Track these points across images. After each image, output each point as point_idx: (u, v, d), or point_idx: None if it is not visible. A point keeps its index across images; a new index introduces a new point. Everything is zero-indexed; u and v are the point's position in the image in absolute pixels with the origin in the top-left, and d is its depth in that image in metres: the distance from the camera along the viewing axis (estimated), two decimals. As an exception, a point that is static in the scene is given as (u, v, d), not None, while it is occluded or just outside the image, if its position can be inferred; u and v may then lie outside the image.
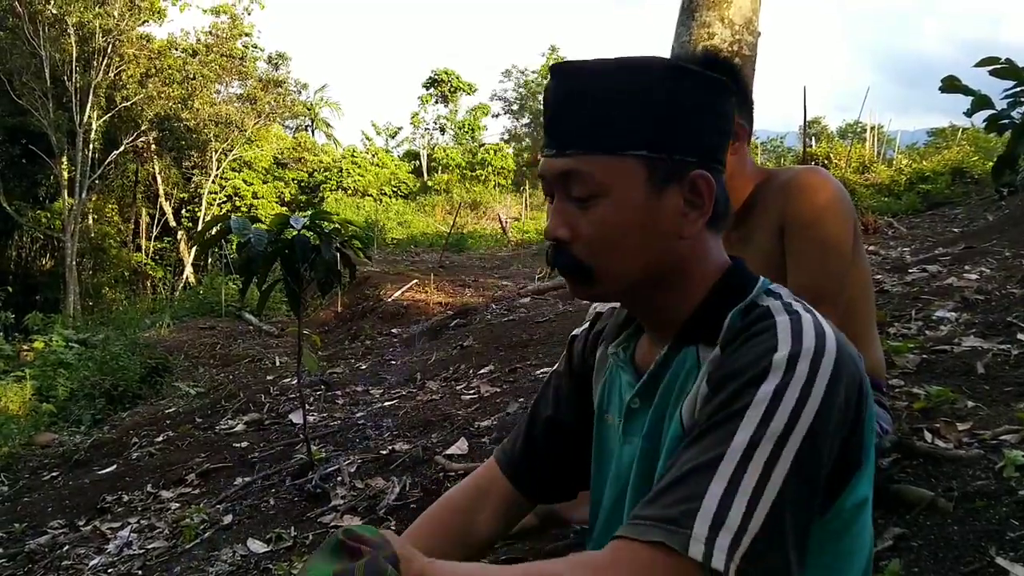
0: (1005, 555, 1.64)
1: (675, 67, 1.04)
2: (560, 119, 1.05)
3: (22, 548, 3.38)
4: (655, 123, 1.01)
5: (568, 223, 1.05)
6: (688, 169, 1.02)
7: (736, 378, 0.92)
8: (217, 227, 3.02)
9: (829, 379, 0.89)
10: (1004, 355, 2.86)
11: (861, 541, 1.00)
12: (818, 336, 0.92)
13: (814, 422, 0.87)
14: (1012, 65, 2.29)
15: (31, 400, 8.59)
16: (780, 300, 1.02)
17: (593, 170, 1.01)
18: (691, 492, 0.87)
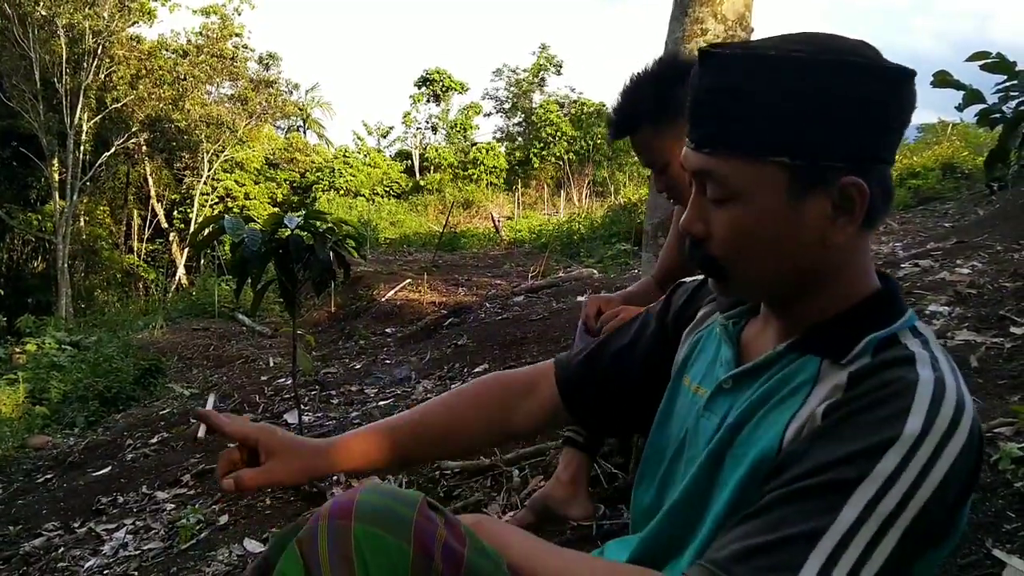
0: (1002, 546, 1.65)
1: (849, 65, 0.92)
2: (700, 112, 0.99)
3: (17, 551, 3.37)
4: (803, 126, 0.92)
5: (703, 219, 0.99)
6: (837, 175, 0.92)
7: (858, 437, 0.86)
8: (211, 228, 3.01)
9: (953, 461, 0.84)
10: (997, 348, 2.87)
11: None
12: (956, 410, 0.85)
13: (925, 507, 0.83)
14: (1003, 60, 2.30)
15: (24, 403, 8.57)
16: (927, 347, 0.93)
17: (728, 173, 0.95)
18: (788, 562, 0.82)
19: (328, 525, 0.95)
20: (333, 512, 0.97)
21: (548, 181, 31.93)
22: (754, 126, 0.93)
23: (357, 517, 0.95)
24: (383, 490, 1.02)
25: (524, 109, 36.02)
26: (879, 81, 0.93)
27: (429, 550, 0.93)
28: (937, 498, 0.83)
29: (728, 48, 0.97)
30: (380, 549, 0.93)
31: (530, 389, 1.34)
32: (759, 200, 0.94)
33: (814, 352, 0.97)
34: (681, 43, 3.11)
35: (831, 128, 0.91)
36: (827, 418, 0.89)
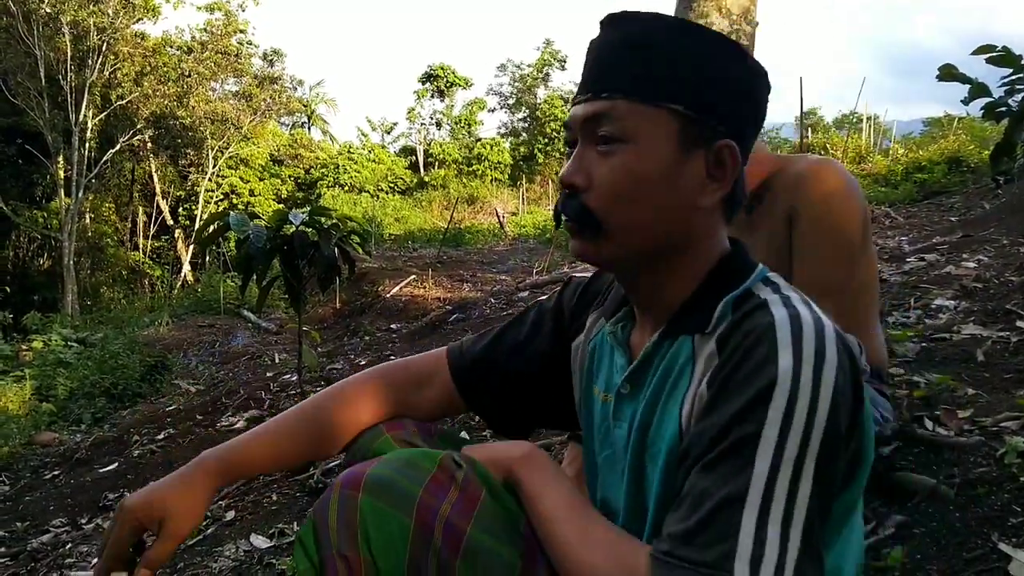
0: (1008, 541, 1.65)
1: (734, 45, 1.02)
2: (603, 64, 1.03)
3: (25, 547, 3.38)
4: (698, 83, 0.99)
5: (586, 169, 1.01)
6: (718, 137, 1.00)
7: (741, 393, 0.88)
8: (216, 224, 3.01)
9: (834, 384, 0.86)
10: (1003, 342, 2.86)
11: (854, 536, 1.00)
12: (818, 338, 0.89)
13: (825, 435, 0.85)
14: (1009, 53, 2.29)
15: (31, 400, 8.60)
16: (778, 291, 0.98)
17: (626, 113, 0.98)
18: (723, 531, 0.84)
19: (339, 496, 1.01)
20: (344, 483, 1.02)
21: (552, 177, 31.89)
22: (654, 73, 0.99)
23: (365, 489, 1.00)
24: (397, 462, 1.06)
25: (528, 104, 36.01)
26: (755, 75, 1.04)
27: (430, 526, 0.97)
28: (833, 423, 0.86)
29: (633, 11, 1.03)
30: (382, 522, 0.98)
31: (425, 379, 1.34)
32: (651, 144, 0.98)
33: (685, 332, 1.01)
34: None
35: (718, 93, 1.00)
36: (711, 388, 0.92)
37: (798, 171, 1.94)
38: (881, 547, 1.76)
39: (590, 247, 1.03)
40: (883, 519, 1.86)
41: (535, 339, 1.31)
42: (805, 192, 1.90)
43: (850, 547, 1.00)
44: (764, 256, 2.03)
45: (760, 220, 2.02)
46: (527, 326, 1.32)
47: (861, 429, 0.92)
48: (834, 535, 0.96)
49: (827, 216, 1.87)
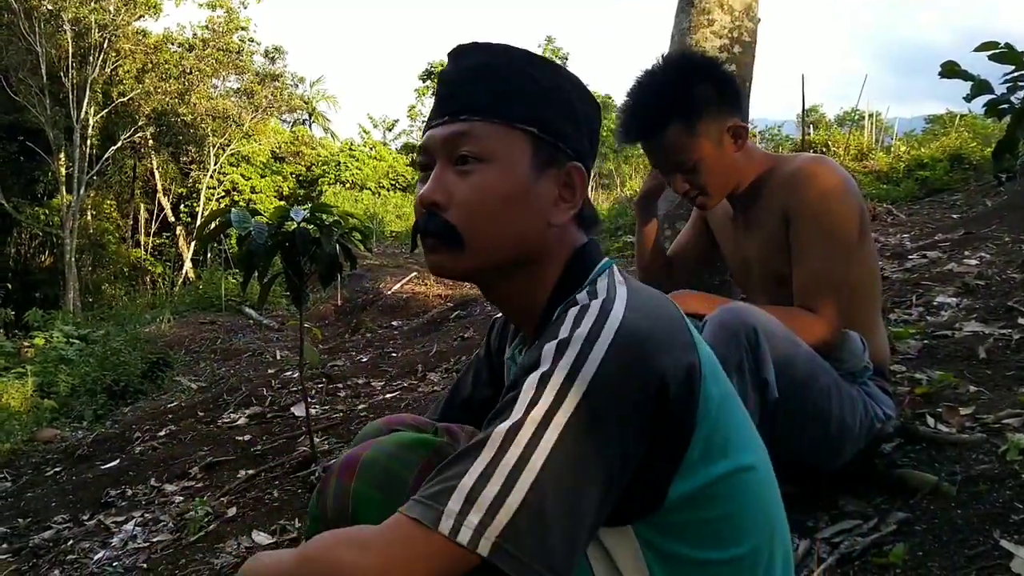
0: (1009, 538, 1.65)
1: (576, 78, 1.13)
2: (460, 89, 1.09)
3: (27, 543, 3.38)
4: (550, 109, 1.08)
5: (445, 188, 1.07)
6: (567, 159, 1.09)
7: (517, 369, 0.96)
8: (217, 221, 3.01)
9: (601, 364, 0.90)
10: (1005, 339, 2.86)
11: (743, 510, 1.01)
12: (596, 321, 0.94)
13: (579, 407, 0.88)
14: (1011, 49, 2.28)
15: (32, 396, 8.61)
16: (594, 288, 1.03)
17: (485, 133, 1.05)
18: (455, 472, 0.90)
19: (335, 484, 1.10)
20: (341, 471, 1.11)
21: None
22: (510, 98, 1.06)
23: (357, 478, 1.08)
24: (391, 447, 1.13)
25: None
26: (595, 108, 1.15)
27: None
28: (594, 401, 0.89)
29: (482, 41, 1.12)
30: (373, 507, 1.05)
31: None
32: (508, 164, 1.05)
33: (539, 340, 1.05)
34: (687, 34, 3.10)
35: (566, 121, 1.09)
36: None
37: (792, 170, 1.95)
38: (883, 543, 1.76)
39: (450, 261, 1.08)
40: (885, 516, 1.86)
41: (477, 389, 1.39)
42: (800, 190, 1.90)
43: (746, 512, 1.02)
44: (760, 254, 2.04)
45: (755, 219, 2.03)
46: (469, 380, 1.41)
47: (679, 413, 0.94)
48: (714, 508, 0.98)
49: (823, 214, 1.87)
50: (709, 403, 0.97)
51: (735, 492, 1.00)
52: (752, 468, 1.02)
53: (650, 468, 0.94)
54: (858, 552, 1.75)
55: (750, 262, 2.10)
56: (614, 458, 0.90)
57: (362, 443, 1.16)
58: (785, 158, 2.04)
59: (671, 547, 0.98)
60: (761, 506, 1.04)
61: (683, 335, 0.98)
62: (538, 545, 0.86)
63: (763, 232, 2.00)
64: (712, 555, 0.99)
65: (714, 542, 0.99)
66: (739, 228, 2.12)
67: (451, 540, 0.86)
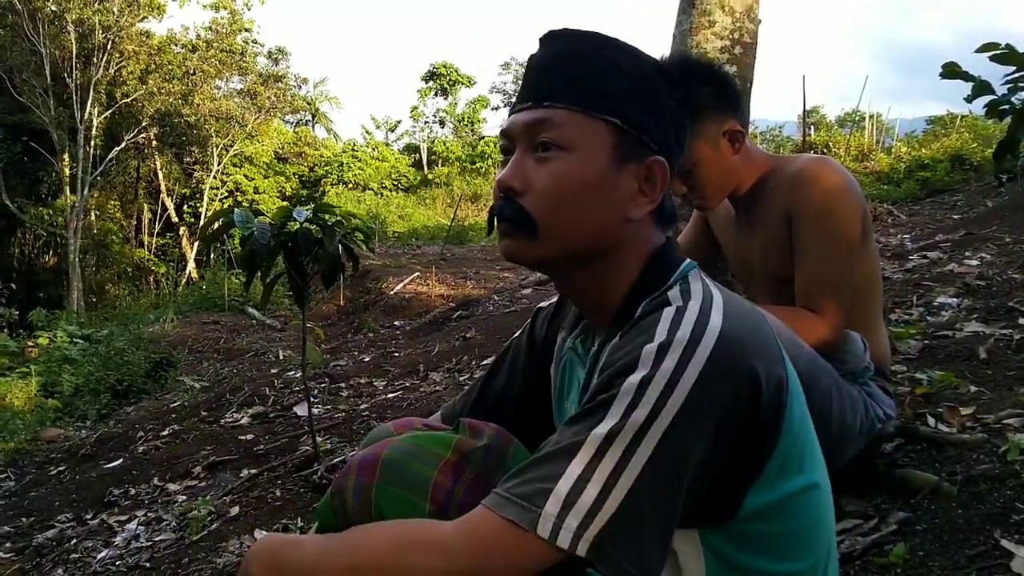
0: (1010, 537, 1.65)
1: (664, 69, 1.08)
2: (545, 75, 1.07)
3: (30, 542, 3.39)
4: (635, 101, 1.04)
5: (523, 174, 1.05)
6: (650, 153, 1.06)
7: (610, 368, 0.94)
8: (220, 221, 3.02)
9: (701, 371, 0.89)
10: (1006, 340, 2.86)
11: (809, 525, 1.02)
12: (696, 326, 0.93)
13: (679, 414, 0.88)
14: (1012, 50, 2.28)
15: (36, 396, 8.63)
16: (686, 288, 1.01)
17: (567, 122, 1.03)
18: (550, 472, 0.89)
19: (355, 483, 1.08)
20: (360, 469, 1.08)
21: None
22: (596, 87, 1.04)
23: (379, 476, 1.06)
24: (410, 446, 1.11)
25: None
26: (683, 105, 1.11)
27: (444, 507, 1.02)
28: (693, 407, 0.89)
29: (573, 28, 1.09)
30: (396, 506, 1.04)
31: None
32: (588, 153, 1.03)
33: (615, 333, 1.04)
34: (689, 35, 3.11)
35: (651, 114, 1.06)
36: (593, 370, 1.00)
37: (794, 170, 1.95)
38: (884, 543, 1.76)
39: (523, 248, 1.06)
40: (886, 516, 1.87)
41: (516, 379, 1.35)
42: (802, 191, 1.91)
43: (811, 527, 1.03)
44: (762, 254, 2.05)
45: (757, 219, 2.03)
46: (505, 369, 1.37)
47: (771, 420, 0.95)
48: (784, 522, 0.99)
49: (825, 214, 1.88)
50: (793, 419, 0.97)
51: (804, 508, 1.01)
52: (818, 486, 1.03)
53: (730, 477, 0.95)
54: (859, 552, 1.75)
55: (752, 262, 2.10)
56: (703, 463, 0.91)
57: (374, 445, 1.15)
58: (787, 159, 2.05)
59: (736, 556, 0.99)
60: (823, 523, 1.05)
61: (774, 347, 0.99)
62: (634, 549, 0.88)
63: (765, 232, 2.01)
64: (774, 567, 1.00)
65: (778, 555, 1.00)
66: (741, 229, 2.12)
67: (549, 542, 0.87)
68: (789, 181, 1.94)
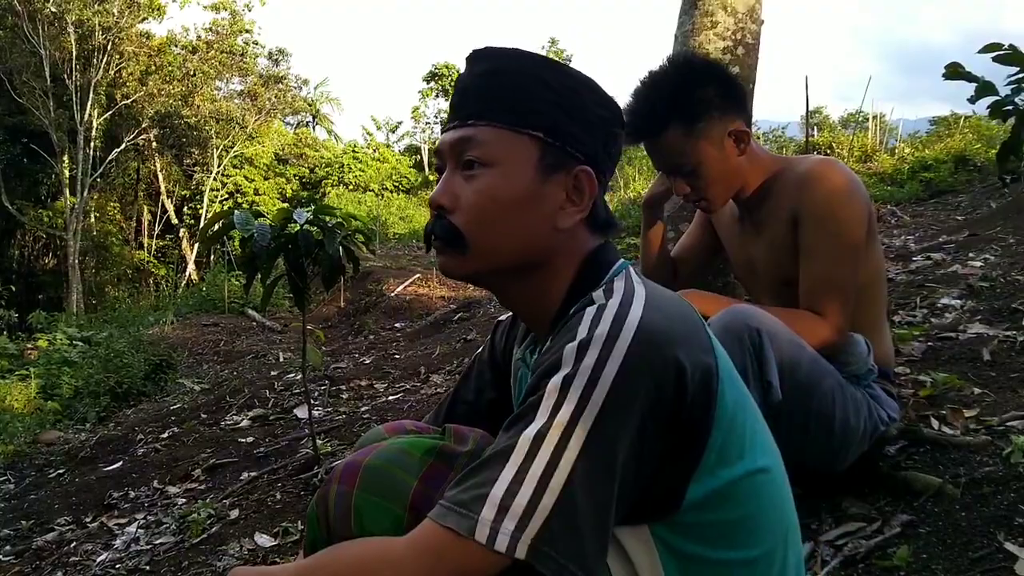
0: (1014, 540, 1.64)
1: (590, 81, 1.11)
2: (469, 95, 1.10)
3: (29, 545, 3.38)
4: (557, 114, 1.07)
5: (452, 192, 1.08)
6: (576, 163, 1.08)
7: (537, 371, 0.96)
8: (220, 223, 3.01)
9: (621, 364, 0.91)
10: (1010, 341, 2.85)
11: (758, 511, 1.02)
12: (615, 321, 0.94)
13: (603, 408, 0.90)
14: (1016, 51, 2.27)
15: (36, 398, 8.61)
16: (609, 287, 1.03)
17: (490, 139, 1.06)
18: (485, 478, 0.91)
19: (337, 490, 1.09)
20: (342, 477, 1.10)
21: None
22: (518, 103, 1.07)
23: (359, 485, 1.08)
24: (393, 453, 1.12)
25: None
26: (612, 114, 1.12)
27: (422, 516, 1.00)
28: (617, 400, 0.90)
29: (497, 46, 1.12)
30: (376, 515, 1.05)
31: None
32: (513, 168, 1.06)
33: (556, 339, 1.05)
34: (691, 36, 3.10)
35: (575, 124, 1.08)
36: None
37: (801, 172, 1.94)
38: (887, 546, 1.75)
39: (456, 263, 1.10)
40: (889, 518, 1.86)
41: (483, 393, 1.38)
42: (809, 192, 1.90)
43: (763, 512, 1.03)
44: (767, 256, 2.04)
45: (763, 221, 2.03)
46: (472, 383, 1.40)
47: (697, 407, 0.95)
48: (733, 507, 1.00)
49: (831, 215, 1.87)
50: (725, 406, 0.98)
51: (751, 494, 1.01)
52: (767, 470, 1.04)
53: (668, 469, 0.95)
54: (862, 554, 1.75)
55: (756, 264, 2.09)
56: (635, 456, 0.92)
57: (360, 451, 1.16)
58: (794, 160, 2.04)
59: (687, 547, 0.99)
60: (775, 508, 1.05)
61: (701, 337, 0.99)
62: (573, 547, 0.88)
63: (771, 234, 2.00)
64: (727, 556, 1.00)
65: (730, 543, 1.00)
66: (746, 230, 2.12)
67: (487, 548, 0.88)
68: (796, 182, 1.93)
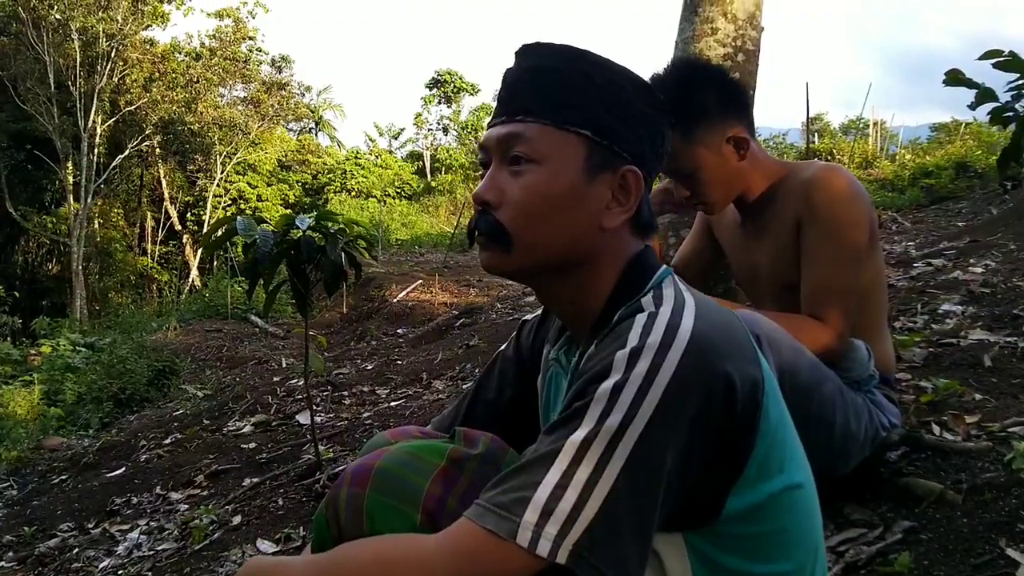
0: (1015, 547, 1.64)
1: (640, 79, 1.10)
2: (517, 90, 1.09)
3: (32, 551, 3.39)
4: (606, 112, 1.06)
5: (498, 187, 1.08)
6: (623, 163, 1.07)
7: (584, 376, 0.95)
8: (223, 229, 3.02)
9: (673, 374, 0.90)
10: (1011, 348, 2.85)
11: (793, 526, 1.03)
12: (667, 330, 0.94)
13: (652, 418, 0.89)
14: (1016, 58, 2.28)
15: (39, 404, 8.62)
16: (659, 294, 1.02)
17: (538, 136, 1.05)
18: (528, 481, 0.90)
19: (348, 493, 1.08)
20: (353, 479, 1.09)
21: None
22: (566, 101, 1.06)
23: (372, 487, 1.07)
24: (404, 456, 1.12)
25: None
26: (658, 109, 1.11)
27: (436, 518, 1.03)
28: (667, 410, 0.89)
29: (546, 42, 1.11)
30: (388, 518, 1.05)
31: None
32: (559, 166, 1.05)
33: (593, 343, 1.05)
34: (691, 42, 3.11)
35: (622, 123, 1.07)
36: (573, 379, 1.00)
37: (805, 177, 1.94)
38: (888, 552, 1.75)
39: (499, 260, 1.09)
40: (890, 524, 1.86)
41: (504, 391, 1.36)
42: (813, 198, 1.90)
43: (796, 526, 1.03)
44: (770, 262, 2.04)
45: (766, 226, 2.03)
46: (494, 381, 1.38)
47: (746, 421, 0.95)
48: (768, 521, 1.00)
49: (835, 220, 1.87)
50: (769, 420, 0.98)
51: (787, 508, 1.02)
52: (801, 486, 1.04)
53: (710, 480, 0.95)
54: (864, 561, 1.75)
55: (759, 270, 2.09)
56: (680, 466, 0.92)
57: (368, 454, 1.16)
58: (799, 165, 2.04)
59: (721, 558, 0.99)
60: (808, 523, 1.05)
61: (749, 349, 0.99)
62: (614, 554, 0.88)
63: (775, 240, 2.00)
64: (760, 569, 1.00)
65: (763, 556, 1.00)
66: (749, 235, 2.12)
67: (529, 551, 0.87)
68: (800, 187, 1.94)
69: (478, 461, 1.12)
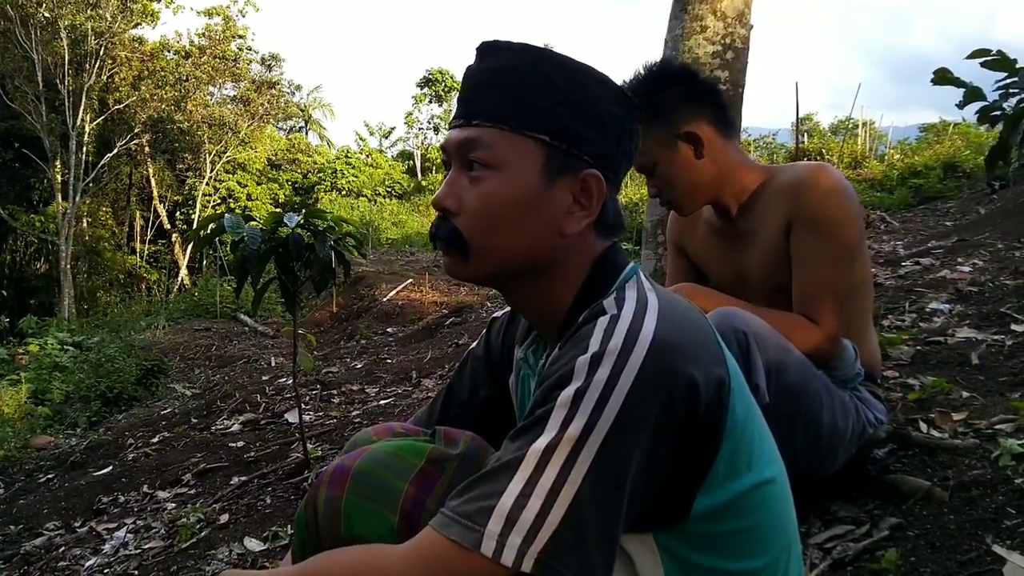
0: (1002, 543, 1.65)
1: (603, 77, 1.07)
2: (475, 92, 1.07)
3: (18, 550, 3.37)
4: (567, 114, 1.03)
5: (457, 194, 1.06)
6: (582, 167, 1.05)
7: (546, 382, 0.94)
8: (211, 226, 3.01)
9: (635, 379, 0.89)
10: (998, 345, 2.86)
11: (764, 522, 1.03)
12: (628, 334, 0.92)
13: (615, 424, 0.88)
14: (1003, 57, 2.29)
15: (26, 403, 8.56)
16: (621, 296, 1.01)
17: (495, 141, 1.03)
18: (492, 489, 0.89)
19: (326, 495, 1.08)
20: (332, 481, 1.09)
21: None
22: (524, 103, 1.03)
23: (349, 489, 1.07)
24: (383, 456, 1.11)
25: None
26: (625, 108, 1.08)
27: (414, 520, 1.02)
28: (629, 416, 0.89)
29: (506, 40, 1.08)
30: (367, 520, 1.04)
31: None
32: (517, 171, 1.03)
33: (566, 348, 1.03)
34: (681, 41, 3.11)
35: (583, 124, 1.04)
36: (539, 382, 0.98)
37: (793, 177, 1.94)
38: (876, 549, 1.76)
39: (458, 267, 1.08)
40: (878, 521, 1.86)
41: (478, 391, 1.35)
42: (804, 197, 1.90)
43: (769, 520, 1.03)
44: (760, 265, 2.03)
45: (753, 230, 2.01)
46: (467, 380, 1.37)
47: (708, 422, 0.94)
48: (741, 518, 0.99)
49: (826, 218, 1.87)
50: (736, 418, 0.97)
51: (757, 505, 1.01)
52: (773, 481, 1.04)
53: (677, 480, 0.95)
54: (851, 558, 1.75)
55: (747, 274, 2.07)
56: (645, 470, 0.91)
57: (349, 454, 1.15)
58: (783, 168, 2.03)
59: (692, 556, 0.99)
60: (780, 518, 1.05)
61: (714, 349, 0.98)
62: (580, 560, 0.88)
63: (763, 243, 1.99)
64: (732, 566, 1.00)
65: (735, 553, 1.00)
66: (731, 242, 2.10)
67: (494, 561, 0.87)
68: (789, 188, 1.93)
69: (458, 461, 1.12)
